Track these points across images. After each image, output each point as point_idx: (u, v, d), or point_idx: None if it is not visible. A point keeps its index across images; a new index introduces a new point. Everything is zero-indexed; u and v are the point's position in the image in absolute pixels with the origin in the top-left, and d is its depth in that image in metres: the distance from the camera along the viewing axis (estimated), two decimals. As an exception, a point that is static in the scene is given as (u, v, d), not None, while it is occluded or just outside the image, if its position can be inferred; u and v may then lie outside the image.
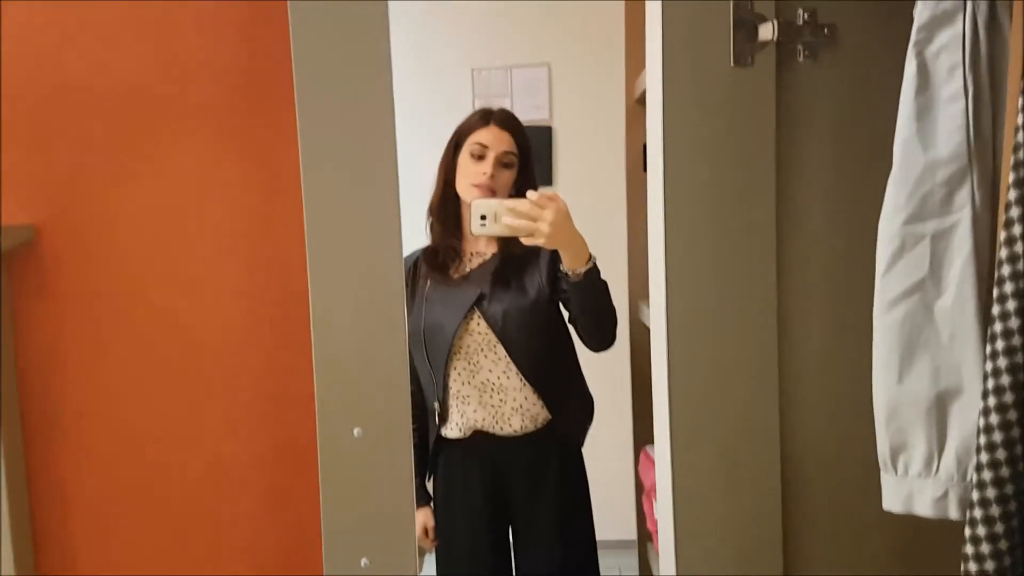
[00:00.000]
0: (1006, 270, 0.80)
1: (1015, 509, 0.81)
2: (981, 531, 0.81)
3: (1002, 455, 0.80)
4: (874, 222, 0.97)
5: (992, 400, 0.80)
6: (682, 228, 1.15)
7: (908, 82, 0.94)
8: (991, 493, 0.80)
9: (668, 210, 1.15)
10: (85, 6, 1.23)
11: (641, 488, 2.03)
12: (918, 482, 0.95)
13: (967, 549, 0.82)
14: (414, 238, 1.76)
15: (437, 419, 1.80)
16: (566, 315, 1.80)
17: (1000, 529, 0.80)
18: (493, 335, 1.75)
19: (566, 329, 1.82)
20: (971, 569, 0.82)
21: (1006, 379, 0.79)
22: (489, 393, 1.77)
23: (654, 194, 1.19)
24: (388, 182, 1.15)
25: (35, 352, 1.26)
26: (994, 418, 0.80)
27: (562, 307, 1.80)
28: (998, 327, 0.80)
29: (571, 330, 1.81)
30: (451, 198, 1.80)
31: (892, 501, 0.98)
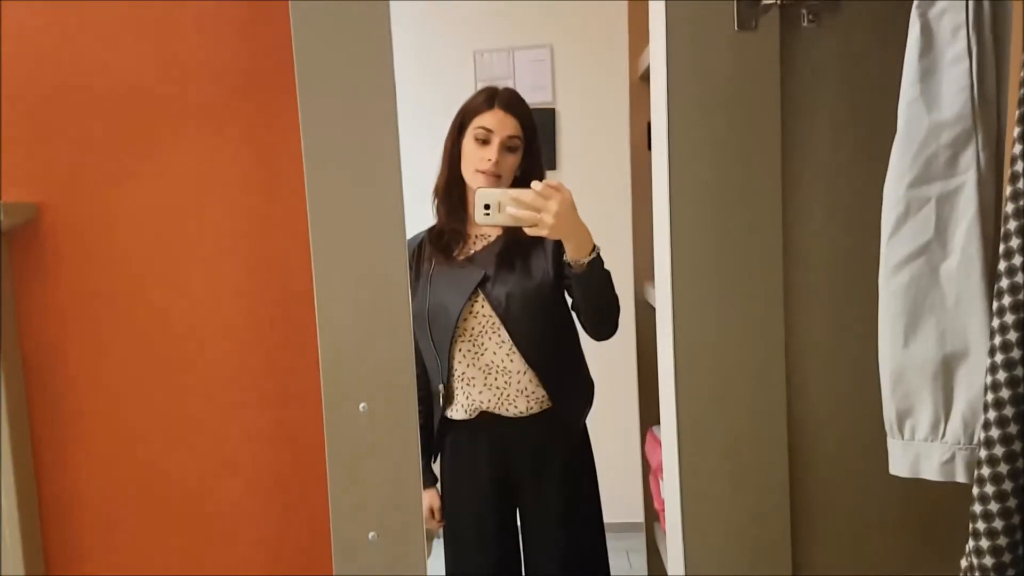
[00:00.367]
0: (1012, 225, 0.79)
1: (1023, 466, 0.80)
2: (989, 489, 0.81)
3: (1010, 411, 0.79)
4: (879, 187, 0.96)
5: (999, 356, 0.80)
6: (687, 193, 1.15)
7: (912, 44, 0.93)
8: (999, 451, 0.80)
9: (673, 176, 1.15)
10: (85, 6, 1.23)
11: (648, 467, 2.03)
12: (925, 446, 0.95)
13: (975, 507, 0.82)
14: (420, 221, 1.76)
15: (442, 401, 1.80)
16: (570, 301, 1.80)
17: (1008, 486, 0.80)
18: (496, 317, 1.74)
19: (570, 314, 1.81)
20: (979, 527, 0.82)
21: (1013, 335, 0.79)
22: (494, 375, 1.77)
23: (659, 161, 1.19)
24: (391, 179, 1.16)
25: (36, 352, 1.26)
26: (1001, 375, 0.80)
27: (566, 293, 1.80)
28: (1005, 283, 0.80)
29: (574, 316, 1.81)
30: (456, 181, 1.79)
31: (899, 466, 0.98)
